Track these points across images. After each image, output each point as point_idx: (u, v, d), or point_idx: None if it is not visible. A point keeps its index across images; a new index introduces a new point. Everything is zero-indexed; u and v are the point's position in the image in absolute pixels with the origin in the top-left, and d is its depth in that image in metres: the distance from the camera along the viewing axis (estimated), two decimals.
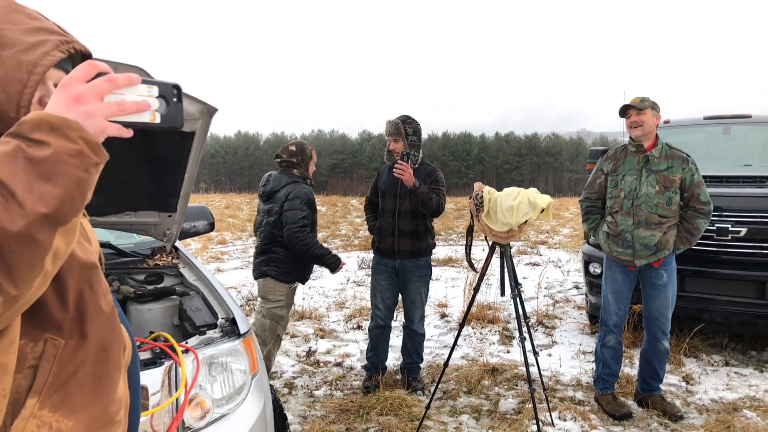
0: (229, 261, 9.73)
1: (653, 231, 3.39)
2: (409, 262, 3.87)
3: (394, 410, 3.65)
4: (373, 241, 4.02)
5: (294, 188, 3.68)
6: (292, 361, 4.70)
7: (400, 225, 3.82)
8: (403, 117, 3.85)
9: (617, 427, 3.47)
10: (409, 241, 3.83)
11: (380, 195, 3.95)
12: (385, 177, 3.96)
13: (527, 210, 2.95)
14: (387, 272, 3.92)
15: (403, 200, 3.81)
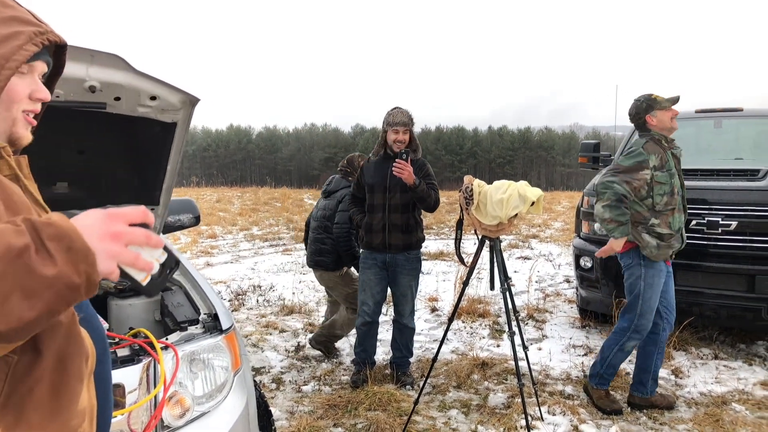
0: (219, 255, 9.67)
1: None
2: (400, 255, 3.84)
3: (383, 405, 3.62)
4: (361, 237, 3.96)
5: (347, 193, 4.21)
6: (281, 356, 4.66)
7: (391, 219, 3.78)
8: (397, 107, 3.81)
9: (606, 420, 3.46)
10: (400, 236, 3.80)
11: (368, 189, 3.87)
12: (371, 171, 3.88)
13: (517, 203, 2.91)
14: (377, 266, 3.87)
15: (393, 194, 3.76)
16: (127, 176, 2.51)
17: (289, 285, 7.06)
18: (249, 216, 15.11)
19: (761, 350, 4.67)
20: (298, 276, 7.75)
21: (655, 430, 3.37)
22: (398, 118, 3.69)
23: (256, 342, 4.96)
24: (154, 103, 2.09)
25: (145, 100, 2.06)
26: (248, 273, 8.06)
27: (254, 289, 6.85)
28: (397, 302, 4.00)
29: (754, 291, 4.21)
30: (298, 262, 8.79)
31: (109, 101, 2.02)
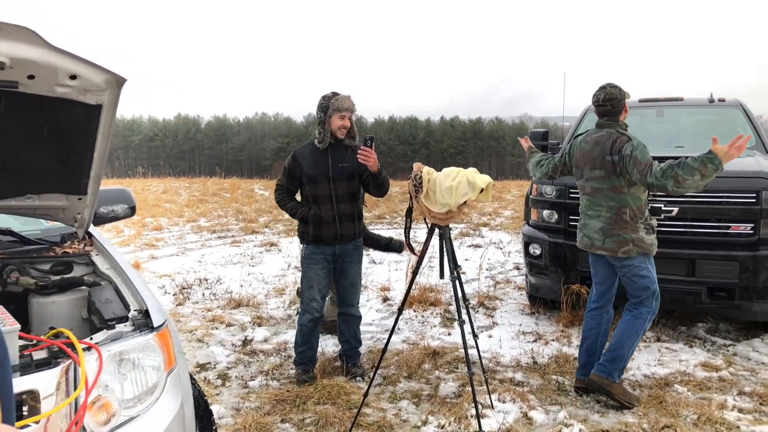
0: (165, 248, 9.32)
1: None
2: (349, 245, 3.75)
3: (332, 398, 3.54)
4: (306, 231, 3.72)
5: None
6: (227, 351, 4.50)
7: (340, 210, 3.65)
8: (335, 92, 3.66)
9: (554, 406, 3.49)
10: (351, 225, 3.70)
11: (308, 181, 3.65)
12: (309, 161, 3.66)
13: (466, 190, 2.87)
14: (325, 260, 3.73)
15: (338, 184, 3.64)
16: (51, 163, 2.31)
17: (238, 278, 6.87)
18: (197, 207, 14.67)
19: (701, 332, 4.83)
20: (246, 268, 7.55)
21: (603, 413, 3.41)
22: (346, 103, 3.56)
23: (201, 337, 4.78)
24: (75, 83, 1.91)
25: (64, 79, 1.87)
26: (195, 266, 7.80)
27: (200, 283, 6.62)
28: (345, 293, 3.89)
29: (694, 275, 4.34)
30: (247, 254, 8.58)
31: (21, 80, 1.83)
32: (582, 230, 3.65)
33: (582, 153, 3.58)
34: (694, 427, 3.20)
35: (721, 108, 5.97)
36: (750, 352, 4.35)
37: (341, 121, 3.58)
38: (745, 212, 4.23)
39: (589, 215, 3.58)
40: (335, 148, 3.64)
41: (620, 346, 3.47)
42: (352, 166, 3.65)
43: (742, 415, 3.31)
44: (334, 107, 3.54)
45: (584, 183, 3.60)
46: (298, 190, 3.79)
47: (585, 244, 3.63)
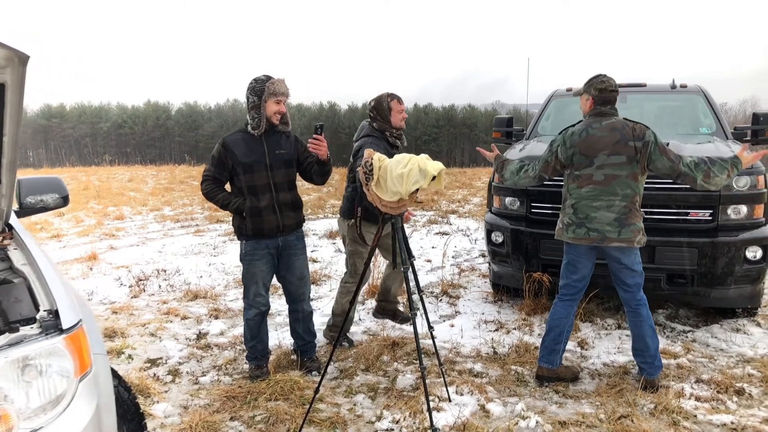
0: (125, 238, 9.04)
1: None
2: (291, 236, 3.59)
3: (285, 394, 3.41)
4: (244, 225, 3.47)
5: (362, 142, 3.91)
6: (181, 345, 4.34)
7: (280, 199, 3.48)
8: (269, 76, 3.44)
9: (513, 398, 3.42)
10: (292, 214, 3.55)
11: (244, 170, 3.40)
12: (243, 148, 3.41)
13: (417, 178, 2.74)
14: (269, 254, 3.55)
15: (276, 172, 3.46)
16: None
17: (198, 268, 6.67)
18: (162, 196, 14.34)
19: (661, 318, 4.83)
20: (208, 258, 7.35)
21: (560, 404, 3.36)
22: (281, 87, 3.37)
23: (154, 331, 4.59)
24: None
25: None
26: (155, 256, 7.57)
27: (158, 274, 6.41)
28: (294, 288, 3.71)
29: (654, 262, 4.31)
30: (209, 243, 8.37)
31: None
32: (586, 224, 3.40)
33: (594, 140, 3.39)
34: (650, 416, 3.16)
35: (683, 94, 5.96)
36: (709, 339, 4.36)
37: (277, 106, 3.39)
38: (704, 198, 4.21)
39: (596, 206, 3.38)
40: (270, 135, 3.46)
41: (649, 346, 3.51)
42: (290, 153, 3.50)
43: (699, 403, 3.29)
44: (270, 91, 3.34)
45: (594, 171, 3.38)
46: (228, 181, 3.55)
47: (594, 238, 3.39)
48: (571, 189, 3.49)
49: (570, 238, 3.50)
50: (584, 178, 3.43)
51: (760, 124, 5.43)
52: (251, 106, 3.39)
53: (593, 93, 3.53)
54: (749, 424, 3.02)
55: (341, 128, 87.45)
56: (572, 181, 3.49)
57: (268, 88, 3.33)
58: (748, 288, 4.33)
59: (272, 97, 3.35)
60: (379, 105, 3.97)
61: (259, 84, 3.36)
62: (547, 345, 3.63)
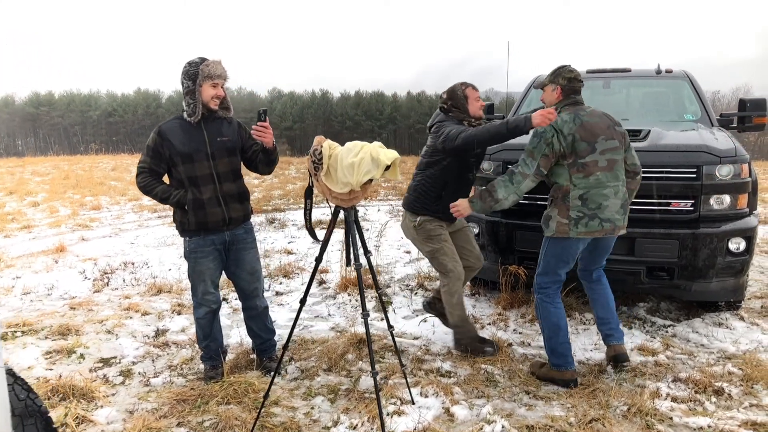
0: (99, 229, 8.79)
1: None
2: (239, 230, 3.37)
3: (238, 397, 3.22)
4: (186, 220, 3.23)
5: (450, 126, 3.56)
6: (138, 343, 4.12)
7: (224, 190, 3.24)
8: (203, 58, 3.18)
9: (480, 399, 3.23)
10: (239, 206, 3.32)
11: (183, 160, 3.15)
12: (181, 137, 3.15)
13: (369, 167, 2.53)
14: (215, 250, 3.32)
15: (218, 161, 3.21)
16: None
17: (168, 261, 6.44)
18: None
19: (641, 312, 4.66)
20: (180, 250, 7.11)
21: (530, 406, 3.18)
22: (217, 69, 3.10)
23: (111, 328, 4.38)
24: None
25: None
26: (126, 248, 7.33)
27: (125, 267, 6.19)
28: (245, 284, 3.48)
29: (633, 254, 4.13)
30: None
31: None
32: (598, 215, 3.22)
33: (591, 125, 3.27)
34: (623, 419, 2.99)
35: (668, 79, 5.76)
36: (689, 333, 4.18)
37: (214, 90, 3.13)
38: (686, 188, 4.02)
39: (606, 194, 3.24)
40: (210, 121, 3.22)
41: (613, 310, 3.64)
42: (233, 140, 3.27)
43: (675, 404, 3.12)
44: (205, 74, 3.07)
45: (598, 156, 3.24)
46: (166, 173, 3.30)
47: (607, 229, 3.25)
48: (576, 179, 3.26)
49: (582, 232, 3.25)
50: (590, 165, 3.25)
51: (746, 110, 5.23)
52: (186, 92, 3.13)
53: (561, 83, 3.40)
54: (727, 428, 2.85)
55: (333, 116, 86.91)
56: (577, 170, 3.26)
57: (203, 70, 3.07)
58: (730, 281, 4.15)
59: (207, 81, 3.09)
60: (454, 94, 3.70)
61: (192, 67, 3.10)
62: (566, 345, 3.41)
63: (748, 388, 3.27)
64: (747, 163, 4.08)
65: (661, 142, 4.18)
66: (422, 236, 3.78)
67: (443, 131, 3.52)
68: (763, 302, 4.82)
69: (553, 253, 3.40)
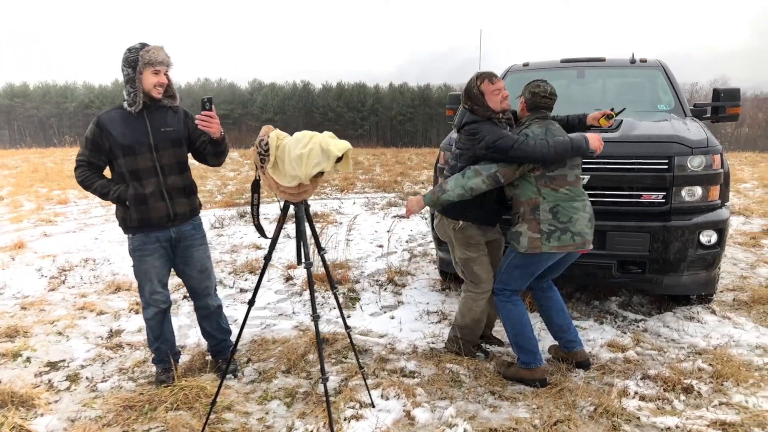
0: (63, 224, 8.50)
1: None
2: (187, 226, 3.18)
3: (189, 402, 3.05)
4: (128, 216, 3.05)
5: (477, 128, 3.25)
6: (89, 345, 3.93)
7: (169, 184, 3.05)
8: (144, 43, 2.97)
9: (443, 401, 3.10)
10: (185, 201, 3.13)
11: (124, 152, 2.95)
12: (121, 128, 2.96)
13: (319, 159, 2.36)
14: (161, 248, 3.13)
15: (162, 152, 3.02)
16: None
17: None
18: None
19: (613, 306, 4.57)
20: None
21: (495, 407, 3.05)
22: (159, 55, 2.90)
23: (62, 329, 4.17)
24: None
25: None
26: (89, 244, 7.08)
27: (85, 264, 5.95)
28: (195, 283, 3.31)
29: (605, 248, 4.02)
30: None
31: None
32: (570, 228, 3.13)
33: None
34: (589, 420, 2.88)
35: (643, 69, 5.66)
36: (660, 328, 4.10)
37: (156, 78, 2.93)
38: (658, 180, 3.91)
39: (576, 207, 3.17)
40: (153, 111, 3.02)
41: (569, 316, 3.56)
42: (178, 131, 3.07)
43: (643, 403, 3.02)
44: (145, 61, 2.87)
45: (567, 171, 3.19)
46: (107, 166, 3.10)
47: (578, 243, 3.16)
48: (545, 192, 3.15)
49: (555, 247, 3.14)
50: (559, 179, 3.16)
51: (720, 100, 5.15)
52: (126, 80, 2.93)
53: (526, 96, 3.31)
54: (695, 429, 2.75)
55: (315, 108, 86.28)
56: (545, 184, 3.15)
57: (143, 57, 2.86)
58: (702, 274, 4.07)
59: (148, 68, 2.89)
60: (470, 93, 3.30)
61: (132, 53, 2.89)
62: (533, 341, 3.33)
63: (717, 386, 3.18)
64: (719, 154, 3.99)
65: (633, 133, 4.07)
66: (461, 242, 3.49)
67: (481, 136, 3.19)
68: (735, 295, 4.76)
69: (519, 265, 3.29)
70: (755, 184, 11.79)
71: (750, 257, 5.96)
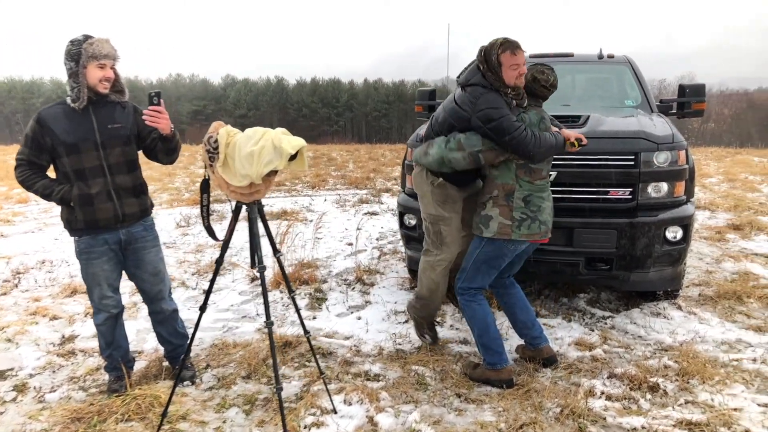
0: (22, 224, 8.19)
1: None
2: (137, 227, 3.03)
3: (142, 413, 2.90)
4: (73, 218, 2.89)
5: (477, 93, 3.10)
6: (40, 352, 3.75)
7: (117, 183, 2.90)
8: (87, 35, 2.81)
9: (408, 405, 3.02)
10: (134, 201, 2.98)
11: (67, 151, 2.80)
12: (65, 125, 2.79)
13: (271, 157, 2.24)
14: (110, 250, 2.98)
15: (110, 150, 2.86)
16: None
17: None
18: None
19: (582, 303, 4.54)
20: None
21: (460, 411, 2.98)
22: (104, 48, 2.74)
23: (12, 335, 3.97)
24: None
25: None
26: (48, 244, 6.81)
27: (41, 266, 5.72)
28: (147, 286, 3.16)
29: (572, 245, 3.98)
30: None
31: None
32: (538, 217, 3.15)
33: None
34: (555, 422, 2.82)
35: (610, 65, 5.65)
36: (628, 325, 4.08)
37: (101, 72, 2.77)
38: (624, 176, 3.88)
39: (543, 197, 3.20)
40: (99, 107, 2.86)
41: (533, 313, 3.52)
42: (126, 127, 2.92)
43: (609, 403, 2.98)
44: (89, 54, 2.70)
45: (545, 165, 3.21)
46: (50, 165, 2.92)
47: (543, 232, 3.20)
48: (523, 181, 3.13)
49: (524, 234, 3.12)
50: (537, 172, 3.17)
51: (686, 96, 5.16)
52: (69, 74, 2.76)
53: (528, 78, 3.17)
54: (661, 429, 2.72)
55: (289, 103, 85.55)
56: (525, 173, 3.13)
57: (86, 50, 2.70)
58: (668, 270, 4.06)
59: (92, 61, 2.72)
60: (489, 58, 3.07)
61: (75, 46, 2.73)
62: (498, 341, 3.27)
63: (683, 383, 3.16)
64: (684, 150, 3.97)
65: (600, 129, 4.03)
66: (437, 198, 3.36)
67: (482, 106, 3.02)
68: (701, 290, 4.78)
69: (487, 254, 3.22)
70: (720, 179, 11.99)
71: (715, 252, 6.02)
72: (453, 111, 3.21)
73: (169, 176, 13.34)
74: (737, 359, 3.47)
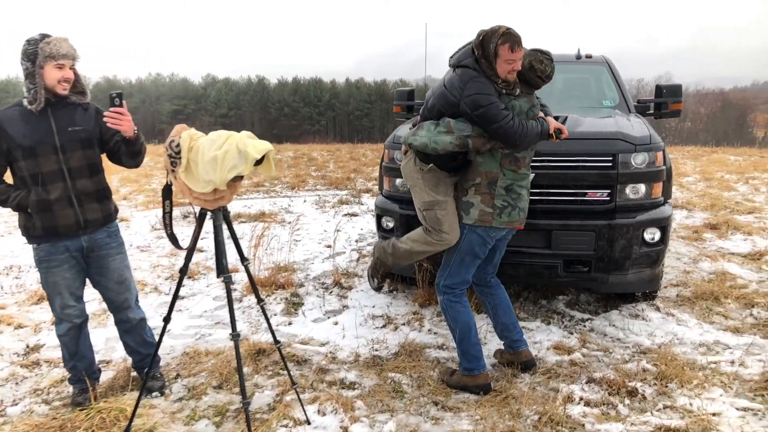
0: None
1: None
2: (101, 234, 2.91)
3: (107, 427, 2.78)
4: (31, 224, 2.76)
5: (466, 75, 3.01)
6: (3, 362, 3.60)
7: (78, 188, 2.77)
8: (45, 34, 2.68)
9: (383, 415, 2.94)
10: (97, 206, 2.85)
11: (24, 154, 2.67)
12: (21, 127, 2.67)
13: (236, 162, 2.15)
14: (71, 258, 2.85)
15: (70, 154, 2.74)
16: None
17: None
18: None
19: (561, 306, 4.51)
20: None
21: (437, 420, 2.91)
22: (62, 48, 2.62)
23: None
24: None
25: None
26: (17, 249, 6.60)
27: (8, 271, 5.54)
28: (113, 295, 3.05)
29: (550, 247, 3.95)
30: None
31: None
32: (518, 204, 3.14)
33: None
34: (534, 430, 2.77)
35: (588, 65, 5.64)
36: (606, 327, 4.05)
37: (59, 72, 2.64)
38: (602, 177, 3.86)
39: (523, 185, 3.17)
40: (59, 108, 2.74)
41: (514, 315, 3.50)
42: (88, 130, 2.80)
43: (588, 409, 2.94)
44: (46, 54, 2.58)
45: (528, 153, 3.18)
46: (6, 170, 2.80)
47: (522, 219, 3.20)
48: (507, 170, 3.10)
49: (505, 222, 3.11)
50: (521, 161, 3.13)
51: (663, 96, 5.16)
52: (25, 74, 2.64)
53: (524, 64, 3.04)
54: None
55: (270, 102, 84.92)
56: (509, 162, 3.08)
57: (43, 49, 2.57)
58: (647, 271, 4.05)
59: (50, 61, 2.60)
60: (486, 45, 2.94)
61: (31, 45, 2.60)
62: (477, 347, 3.23)
63: (662, 388, 3.13)
64: (661, 151, 3.96)
65: (578, 130, 4.00)
66: (429, 182, 3.21)
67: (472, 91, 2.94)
68: (678, 290, 4.78)
69: (470, 242, 3.16)
70: (697, 178, 12.11)
71: (693, 251, 6.04)
72: (442, 95, 3.12)
73: (146, 177, 13.09)
74: (715, 362, 3.45)
